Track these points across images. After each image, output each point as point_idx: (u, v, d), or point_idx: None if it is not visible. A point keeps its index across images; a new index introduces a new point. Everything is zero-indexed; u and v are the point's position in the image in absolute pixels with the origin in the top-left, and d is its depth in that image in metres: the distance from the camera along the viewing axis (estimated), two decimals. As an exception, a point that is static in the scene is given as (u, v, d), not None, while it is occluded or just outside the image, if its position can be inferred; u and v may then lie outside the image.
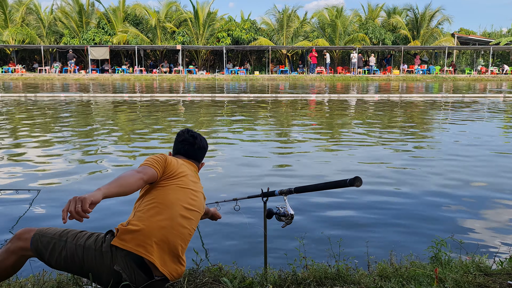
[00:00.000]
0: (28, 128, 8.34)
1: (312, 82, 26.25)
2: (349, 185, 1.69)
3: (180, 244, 1.92)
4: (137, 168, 1.95)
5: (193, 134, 2.27)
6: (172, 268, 1.89)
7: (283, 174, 5.04)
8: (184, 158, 2.23)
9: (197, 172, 2.25)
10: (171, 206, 1.92)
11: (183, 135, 2.27)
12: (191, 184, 2.07)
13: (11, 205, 3.89)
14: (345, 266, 2.24)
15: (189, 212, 1.98)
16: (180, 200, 1.96)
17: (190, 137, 2.25)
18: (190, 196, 2.02)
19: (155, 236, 1.84)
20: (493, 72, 30.06)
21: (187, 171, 2.10)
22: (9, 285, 2.08)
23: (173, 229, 1.89)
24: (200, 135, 2.32)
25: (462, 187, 4.53)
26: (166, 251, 1.87)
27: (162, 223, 1.87)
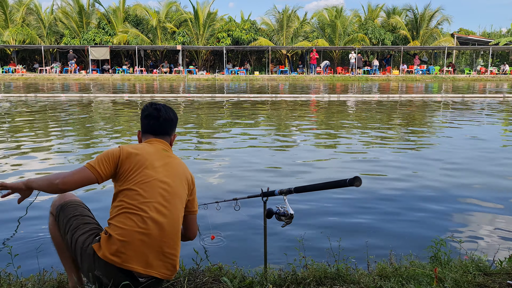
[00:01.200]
0: (28, 128, 8.34)
1: (311, 83, 26.26)
2: (349, 185, 1.69)
3: (164, 241, 1.81)
4: (76, 169, 1.85)
5: (157, 106, 2.08)
6: (160, 267, 1.81)
7: (283, 174, 5.04)
8: (152, 136, 2.05)
9: (168, 148, 2.05)
10: (141, 208, 1.80)
11: (147, 110, 2.08)
12: (160, 172, 1.89)
13: (11, 205, 3.89)
14: (345, 266, 2.24)
15: (164, 207, 1.84)
16: (149, 198, 1.82)
17: (154, 111, 2.06)
18: (161, 189, 1.85)
19: (130, 244, 1.75)
20: (492, 72, 30.07)
21: (151, 157, 1.91)
22: (9, 285, 2.08)
23: (149, 230, 1.78)
24: (165, 105, 2.11)
25: (461, 187, 4.54)
26: (148, 253, 1.78)
27: (135, 228, 1.77)
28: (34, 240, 3.12)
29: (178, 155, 6.26)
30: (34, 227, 3.37)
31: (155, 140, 2.03)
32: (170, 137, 2.11)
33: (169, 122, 2.08)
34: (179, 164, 1.99)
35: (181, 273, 2.24)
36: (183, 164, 2.02)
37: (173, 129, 2.12)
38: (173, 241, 1.85)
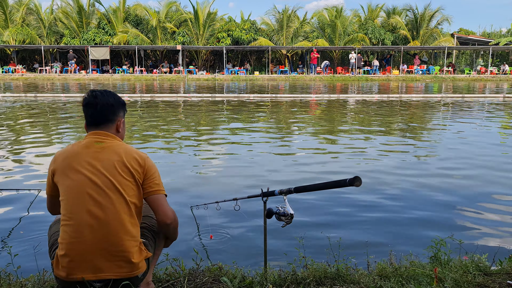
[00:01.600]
0: (28, 128, 8.34)
1: (312, 83, 26.26)
2: (349, 185, 1.69)
3: (106, 241, 1.72)
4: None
5: (95, 93, 1.93)
6: (111, 267, 1.73)
7: (283, 174, 5.04)
8: (93, 127, 1.91)
9: (106, 137, 1.88)
10: (70, 217, 1.75)
11: (85, 98, 1.93)
12: (87, 169, 1.78)
13: (11, 205, 3.89)
14: (345, 266, 2.24)
15: (97, 206, 1.74)
16: (77, 203, 1.75)
17: (91, 98, 1.91)
18: (88, 188, 1.75)
19: (69, 256, 1.72)
20: (492, 72, 30.07)
21: (76, 158, 1.80)
22: (9, 285, 2.08)
23: (83, 237, 1.72)
24: (106, 91, 1.97)
25: (461, 187, 4.54)
26: (92, 258, 1.72)
27: (69, 240, 1.72)
28: (34, 240, 3.12)
29: (179, 155, 6.25)
30: (34, 227, 3.37)
31: (91, 133, 1.90)
32: (114, 123, 1.94)
33: (108, 107, 1.92)
34: (113, 151, 1.83)
35: (181, 273, 2.24)
36: (122, 148, 1.85)
37: (116, 114, 1.94)
38: (116, 237, 1.73)
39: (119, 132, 1.96)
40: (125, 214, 1.76)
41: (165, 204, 1.88)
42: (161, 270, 2.27)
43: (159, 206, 1.86)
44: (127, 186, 1.79)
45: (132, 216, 1.79)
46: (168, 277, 2.20)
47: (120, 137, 1.97)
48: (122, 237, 1.74)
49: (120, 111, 1.97)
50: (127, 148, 1.87)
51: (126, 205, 1.77)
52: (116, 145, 1.87)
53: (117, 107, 1.95)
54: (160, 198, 1.86)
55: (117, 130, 1.95)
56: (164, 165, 5.41)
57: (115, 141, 1.89)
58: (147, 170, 1.86)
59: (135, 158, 1.84)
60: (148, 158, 1.90)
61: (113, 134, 1.92)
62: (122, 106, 1.99)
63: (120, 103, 1.97)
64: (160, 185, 1.88)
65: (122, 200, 1.77)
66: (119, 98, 1.98)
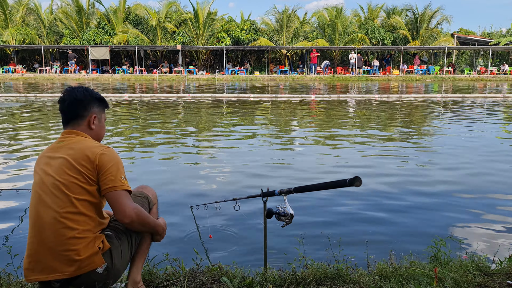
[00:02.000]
0: (28, 128, 8.34)
1: (312, 83, 26.27)
2: (349, 185, 1.69)
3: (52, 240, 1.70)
4: None
5: (68, 89, 1.91)
6: (61, 267, 1.70)
7: (283, 174, 5.04)
8: (64, 126, 1.90)
9: (72, 136, 1.85)
10: (30, 216, 1.77)
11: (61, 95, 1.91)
12: (43, 170, 1.79)
13: (11, 205, 3.89)
14: (345, 266, 2.24)
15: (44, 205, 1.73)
16: (32, 203, 1.77)
17: (63, 94, 1.89)
18: (38, 188, 1.76)
19: (30, 256, 1.73)
20: (492, 72, 30.08)
21: (40, 160, 1.84)
22: (9, 285, 2.08)
23: (35, 236, 1.72)
24: (79, 87, 1.93)
25: (461, 187, 4.54)
26: (45, 258, 1.70)
27: (28, 240, 1.75)
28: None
29: (179, 155, 6.25)
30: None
31: (61, 133, 1.89)
32: (85, 119, 1.88)
33: (76, 103, 1.87)
34: (67, 149, 1.80)
35: (181, 273, 2.24)
36: (77, 145, 1.80)
37: (87, 109, 1.89)
38: (60, 236, 1.69)
39: (92, 129, 1.90)
40: (67, 212, 1.70)
41: (123, 201, 1.76)
42: (161, 270, 2.27)
43: (115, 204, 1.76)
44: (72, 184, 1.73)
45: (79, 214, 1.72)
46: (168, 277, 2.20)
47: (95, 134, 1.91)
48: (64, 236, 1.69)
49: (92, 106, 1.90)
50: (82, 145, 1.80)
51: (70, 203, 1.71)
52: (73, 142, 1.82)
53: (87, 102, 1.89)
54: (115, 195, 1.75)
55: (89, 126, 1.89)
56: (164, 165, 5.41)
57: (76, 137, 1.84)
58: (100, 166, 1.76)
59: (86, 154, 1.76)
60: (105, 152, 1.79)
61: (79, 131, 1.87)
62: (96, 100, 1.92)
63: (92, 97, 1.91)
64: (116, 181, 1.76)
65: (65, 198, 1.71)
66: (91, 93, 1.92)
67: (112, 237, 1.84)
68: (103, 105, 1.99)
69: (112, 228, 1.89)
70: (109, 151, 1.81)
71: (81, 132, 1.87)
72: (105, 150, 1.80)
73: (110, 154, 1.81)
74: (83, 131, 1.88)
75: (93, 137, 1.91)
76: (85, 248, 1.71)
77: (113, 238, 1.84)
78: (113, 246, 1.82)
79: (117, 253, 1.83)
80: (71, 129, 1.87)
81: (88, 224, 1.75)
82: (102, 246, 1.77)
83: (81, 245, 1.71)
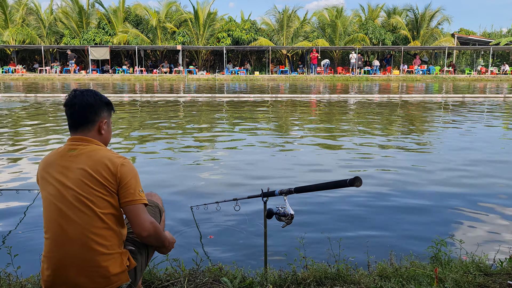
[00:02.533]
0: (28, 128, 8.34)
1: (312, 83, 26.26)
2: (349, 185, 1.69)
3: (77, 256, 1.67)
4: None
5: (75, 92, 1.83)
6: (87, 282, 1.68)
7: (283, 174, 5.04)
8: (73, 132, 1.82)
9: (81, 143, 1.78)
10: (45, 230, 1.72)
11: (66, 98, 1.83)
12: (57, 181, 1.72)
13: (11, 205, 3.89)
14: (345, 266, 2.24)
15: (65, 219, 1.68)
16: (48, 216, 1.71)
17: (70, 99, 1.81)
18: (56, 201, 1.69)
19: (48, 269, 1.70)
20: (493, 72, 30.07)
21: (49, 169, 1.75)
22: (9, 285, 2.08)
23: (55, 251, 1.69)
24: (87, 90, 1.85)
25: (461, 187, 4.53)
26: (67, 273, 1.68)
27: (46, 254, 1.71)
28: (34, 240, 3.12)
29: (179, 155, 6.24)
30: (34, 227, 3.36)
31: (69, 139, 1.82)
32: (95, 125, 1.82)
33: (87, 107, 1.80)
34: (84, 159, 1.73)
35: (181, 273, 2.24)
36: (94, 155, 1.74)
37: (98, 114, 1.82)
38: (86, 252, 1.66)
39: (101, 134, 1.85)
40: (95, 228, 1.68)
41: (141, 215, 1.73)
42: (161, 270, 2.26)
43: (134, 218, 1.73)
44: (97, 198, 1.69)
45: (106, 228, 1.71)
46: (168, 277, 2.20)
47: (103, 139, 1.87)
48: (93, 252, 1.67)
49: (102, 111, 1.85)
50: (100, 154, 1.74)
51: (98, 218, 1.68)
52: (89, 151, 1.75)
53: (98, 107, 1.83)
54: (134, 209, 1.73)
55: (99, 132, 1.83)
56: (163, 165, 5.41)
57: (90, 146, 1.78)
58: (121, 178, 1.72)
59: (106, 165, 1.71)
60: (125, 164, 1.75)
61: (90, 138, 1.81)
62: (105, 105, 1.87)
63: (102, 102, 1.85)
64: (135, 194, 1.73)
65: (91, 214, 1.68)
66: (101, 97, 1.86)
67: (136, 253, 1.84)
68: (111, 109, 1.94)
69: (132, 241, 1.88)
70: (127, 163, 1.78)
71: (93, 139, 1.81)
72: (124, 162, 1.76)
73: (129, 165, 1.77)
74: (93, 137, 1.82)
75: (102, 143, 1.87)
76: (114, 265, 1.71)
77: (136, 254, 1.84)
78: (137, 263, 1.83)
79: (140, 270, 1.87)
80: (81, 135, 1.80)
81: (114, 238, 1.74)
82: (128, 263, 1.77)
83: (110, 261, 1.70)
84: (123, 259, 1.75)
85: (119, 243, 1.76)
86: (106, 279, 1.69)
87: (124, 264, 1.74)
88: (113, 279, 1.70)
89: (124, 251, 1.77)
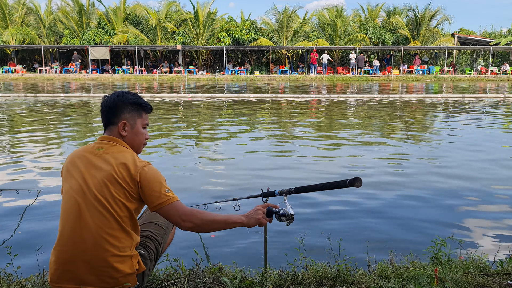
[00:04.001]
0: (28, 128, 8.34)
1: (312, 83, 26.26)
2: (349, 186, 1.68)
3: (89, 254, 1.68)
4: None
5: (110, 94, 1.88)
6: (96, 281, 1.69)
7: (283, 174, 5.04)
8: (104, 132, 1.88)
9: (108, 141, 1.81)
10: (61, 226, 1.74)
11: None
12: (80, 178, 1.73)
13: (11, 205, 3.89)
14: (345, 266, 2.24)
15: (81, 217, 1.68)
16: (65, 213, 1.72)
17: (104, 100, 1.87)
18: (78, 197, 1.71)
19: (56, 264, 1.71)
20: (493, 72, 30.07)
21: (74, 165, 1.77)
22: (9, 285, 2.08)
23: (66, 247, 1.70)
24: (116, 92, 1.88)
25: (462, 187, 4.53)
26: (74, 270, 1.69)
27: (57, 247, 1.72)
28: (34, 240, 3.12)
29: (179, 155, 6.24)
30: (34, 228, 3.36)
31: (99, 137, 1.85)
32: (116, 126, 1.83)
33: (111, 108, 1.83)
34: (108, 159, 1.74)
35: (181, 273, 2.23)
36: (117, 156, 1.75)
37: (118, 115, 1.83)
38: (102, 253, 1.67)
39: (123, 136, 1.84)
40: (110, 229, 1.69)
41: (175, 213, 1.73)
42: (161, 270, 2.26)
43: (171, 217, 1.75)
44: (115, 200, 1.70)
45: (121, 231, 1.71)
46: (168, 277, 2.20)
47: (128, 141, 1.85)
48: (105, 252, 1.68)
49: (123, 112, 1.84)
50: (123, 157, 1.75)
51: (113, 220, 1.69)
52: (114, 152, 1.77)
53: (119, 108, 1.83)
54: (164, 211, 1.73)
55: (120, 133, 1.83)
56: (164, 165, 5.40)
57: (116, 146, 1.79)
58: (141, 183, 1.71)
59: (128, 168, 1.72)
60: (146, 168, 1.74)
61: (118, 139, 1.82)
62: (128, 106, 1.85)
63: (126, 103, 1.84)
64: (161, 197, 1.72)
65: (108, 215, 1.69)
66: (123, 98, 1.85)
67: (146, 258, 1.85)
68: (139, 109, 1.89)
69: (144, 245, 1.89)
70: (149, 167, 1.76)
71: (120, 140, 1.83)
72: (146, 166, 1.75)
73: (151, 170, 1.75)
74: (118, 137, 1.85)
75: (128, 145, 1.86)
76: (124, 267, 1.72)
77: (146, 259, 1.86)
78: (146, 267, 1.84)
79: (148, 274, 1.89)
80: (109, 134, 1.85)
81: (127, 241, 1.74)
82: (138, 267, 1.78)
83: (121, 263, 1.71)
84: (133, 262, 1.76)
85: (131, 246, 1.76)
86: (115, 280, 1.70)
87: (134, 267, 1.75)
88: (121, 280, 1.71)
89: (135, 254, 1.78)
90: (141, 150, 1.96)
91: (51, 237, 3.18)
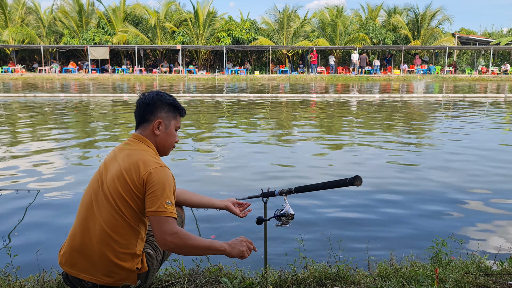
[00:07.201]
0: (28, 128, 8.33)
1: (312, 82, 26.25)
2: (349, 185, 1.68)
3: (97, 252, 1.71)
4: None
5: (142, 93, 1.91)
6: (98, 274, 1.73)
7: (283, 174, 5.04)
8: (135, 130, 1.90)
9: (137, 139, 1.83)
10: (78, 215, 1.80)
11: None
12: (101, 173, 1.80)
13: (11, 205, 3.88)
14: (346, 266, 2.23)
15: (91, 212, 1.74)
16: (81, 206, 1.80)
17: (142, 97, 1.88)
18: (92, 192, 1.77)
19: (63, 248, 1.79)
20: (493, 72, 30.06)
21: (105, 161, 1.83)
22: (9, 286, 2.07)
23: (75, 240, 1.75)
24: (153, 91, 1.90)
25: (462, 187, 4.52)
26: (82, 260, 1.74)
27: (71, 235, 1.79)
28: (34, 240, 3.11)
29: (178, 155, 6.24)
30: (34, 228, 3.36)
31: (131, 138, 1.87)
32: (150, 124, 1.84)
33: (149, 105, 1.84)
34: (127, 158, 1.75)
35: (181, 273, 2.23)
36: (135, 156, 1.74)
37: (153, 113, 1.84)
38: (104, 247, 1.70)
39: (156, 135, 1.84)
40: (114, 223, 1.70)
41: (161, 227, 1.64)
42: (161, 271, 2.26)
43: (155, 230, 1.66)
44: (120, 196, 1.70)
45: (125, 228, 1.71)
46: (168, 277, 2.19)
47: (159, 141, 1.86)
48: (106, 246, 1.70)
49: (160, 111, 1.84)
50: (139, 155, 1.74)
51: (118, 215, 1.70)
52: (133, 149, 1.78)
53: (155, 106, 1.84)
54: (155, 220, 1.65)
55: (153, 132, 1.84)
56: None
57: (138, 145, 1.80)
58: (147, 184, 1.68)
59: (138, 168, 1.70)
60: (156, 171, 1.70)
61: (144, 137, 1.83)
62: (165, 105, 1.86)
63: (164, 103, 1.85)
64: (159, 206, 1.65)
65: (112, 210, 1.70)
66: (161, 98, 1.86)
67: (153, 258, 1.84)
68: (176, 111, 1.90)
69: (152, 245, 1.88)
70: (159, 171, 1.70)
71: (146, 139, 1.83)
72: (157, 169, 1.71)
73: (161, 174, 1.70)
74: (149, 136, 1.84)
75: (158, 145, 1.86)
76: (124, 264, 1.72)
77: (153, 258, 1.84)
78: (150, 267, 1.83)
79: (152, 273, 1.88)
80: (139, 133, 1.86)
81: (131, 237, 1.73)
82: (141, 266, 1.76)
83: (121, 260, 1.71)
84: (135, 260, 1.75)
85: (135, 243, 1.75)
86: (114, 275, 1.73)
87: (135, 266, 1.75)
88: (120, 276, 1.73)
89: (139, 252, 1.77)
90: (169, 152, 1.96)
91: (51, 237, 3.18)
